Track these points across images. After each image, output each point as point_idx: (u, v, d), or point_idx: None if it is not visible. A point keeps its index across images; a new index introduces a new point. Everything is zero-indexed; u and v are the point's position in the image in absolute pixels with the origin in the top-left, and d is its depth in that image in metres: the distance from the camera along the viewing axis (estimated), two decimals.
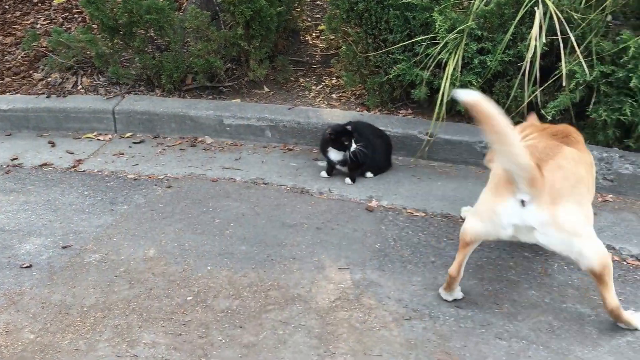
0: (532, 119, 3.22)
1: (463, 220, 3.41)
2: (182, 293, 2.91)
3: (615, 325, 2.65)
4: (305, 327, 2.67)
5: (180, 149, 4.40)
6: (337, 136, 3.70)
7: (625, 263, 3.10)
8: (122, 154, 4.33)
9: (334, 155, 3.78)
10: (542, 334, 2.61)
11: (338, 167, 3.85)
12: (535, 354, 2.50)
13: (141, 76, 4.93)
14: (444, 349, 2.54)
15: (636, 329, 2.63)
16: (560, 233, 2.43)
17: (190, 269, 3.08)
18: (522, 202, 2.43)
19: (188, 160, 4.21)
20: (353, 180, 3.84)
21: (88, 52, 5.05)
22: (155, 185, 3.90)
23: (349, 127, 3.73)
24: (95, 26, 5.13)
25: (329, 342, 2.59)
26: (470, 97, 2.27)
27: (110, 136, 4.62)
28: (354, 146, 3.68)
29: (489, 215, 2.55)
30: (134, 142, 4.51)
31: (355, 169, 3.82)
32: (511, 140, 2.31)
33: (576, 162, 2.61)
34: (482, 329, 2.64)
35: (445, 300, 2.81)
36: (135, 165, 4.16)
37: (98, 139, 4.58)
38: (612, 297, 2.55)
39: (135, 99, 4.74)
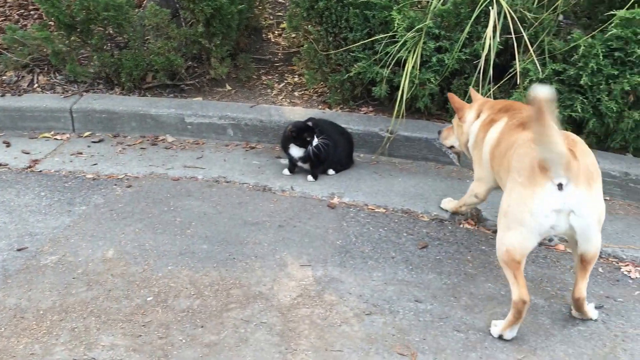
0: (477, 95, 3.32)
1: (428, 214, 3.47)
2: (142, 294, 2.89)
3: (567, 315, 2.74)
4: (267, 324, 2.69)
5: (141, 148, 4.35)
6: (299, 132, 3.72)
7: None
8: (81, 153, 4.27)
9: (296, 151, 3.79)
10: None
11: (300, 164, 3.87)
12: (491, 345, 2.57)
13: (100, 74, 4.86)
14: (403, 342, 2.58)
15: (590, 319, 2.72)
16: (593, 214, 2.45)
17: (150, 269, 3.06)
18: (560, 186, 2.39)
19: (149, 160, 4.18)
20: (315, 177, 3.87)
21: (44, 50, 4.96)
22: (115, 185, 3.86)
23: (310, 123, 3.75)
24: (51, 23, 5.03)
25: (290, 339, 2.61)
26: (542, 92, 2.21)
27: (68, 135, 4.54)
28: (316, 140, 3.70)
29: (529, 209, 2.45)
30: (93, 142, 4.45)
31: (317, 166, 3.85)
32: (553, 133, 2.30)
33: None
34: (440, 322, 2.70)
35: (506, 340, 2.62)
36: (94, 164, 4.10)
37: (55, 139, 4.50)
38: (584, 287, 2.62)
39: (93, 98, 4.68)
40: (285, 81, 5.00)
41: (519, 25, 3.64)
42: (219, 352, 2.53)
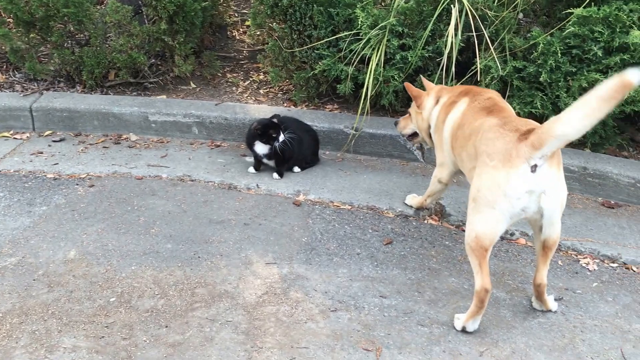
0: (429, 84, 3.39)
1: (393, 210, 3.50)
2: (105, 294, 2.85)
3: (528, 308, 2.80)
4: (232, 323, 2.68)
5: (104, 147, 4.29)
6: (265, 129, 3.71)
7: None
8: (41, 153, 4.19)
9: (261, 148, 3.79)
10: None
11: (265, 161, 3.87)
12: (454, 338, 2.61)
13: (60, 72, 4.78)
14: (368, 338, 2.60)
15: (549, 311, 2.79)
16: (561, 196, 2.51)
17: (113, 270, 3.02)
18: (534, 167, 2.42)
19: (112, 159, 4.12)
20: (281, 175, 3.87)
21: (2, 47, 4.85)
22: (77, 184, 3.80)
23: (275, 120, 3.75)
24: (10, 20, 4.93)
25: (256, 337, 2.60)
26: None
27: (27, 135, 4.45)
28: (282, 136, 3.70)
29: (502, 191, 2.46)
30: (54, 141, 4.37)
31: (282, 163, 3.85)
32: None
33: None
34: (405, 316, 2.73)
35: (469, 332, 2.64)
36: (55, 164, 4.03)
37: (15, 138, 4.41)
38: (545, 274, 2.68)
39: (54, 96, 4.59)
40: (251, 79, 4.99)
41: (480, 23, 3.69)
42: (184, 352, 2.52)
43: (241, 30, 5.76)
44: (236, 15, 5.90)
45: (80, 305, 2.79)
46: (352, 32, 4.01)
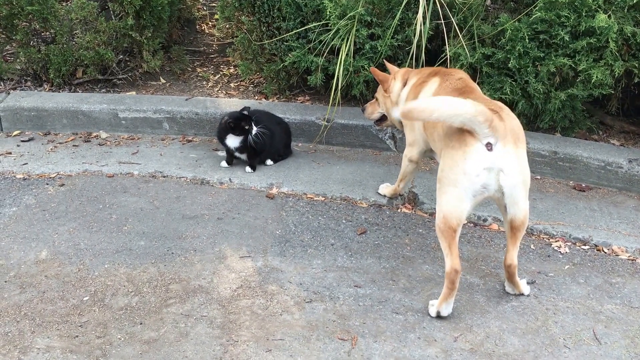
0: (393, 67, 3.42)
1: (366, 200, 3.51)
2: (78, 294, 2.82)
3: (502, 292, 2.83)
4: (207, 318, 2.67)
5: (74, 145, 4.24)
6: (237, 122, 3.68)
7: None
8: (10, 153, 4.12)
9: (233, 142, 3.76)
10: None
11: (237, 154, 3.85)
12: (429, 325, 2.62)
13: (27, 71, 4.70)
14: (344, 327, 2.61)
15: (521, 294, 2.82)
16: (520, 175, 2.53)
17: (86, 269, 2.98)
18: (489, 145, 2.47)
19: (82, 157, 4.07)
20: (253, 168, 3.85)
21: None
22: (47, 184, 3.74)
23: (245, 112, 3.73)
24: None
25: (231, 330, 2.59)
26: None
27: None
28: (255, 129, 3.68)
29: (461, 169, 2.51)
30: (22, 140, 4.30)
31: (254, 156, 3.83)
32: (455, 101, 2.46)
33: None
34: (379, 305, 2.74)
35: (443, 317, 2.66)
36: (25, 164, 3.97)
37: None
38: (515, 254, 2.70)
39: (21, 95, 4.52)
40: (221, 72, 4.96)
41: (448, 10, 3.71)
42: (159, 348, 2.50)
43: (210, 23, 5.72)
44: (204, 8, 5.85)
45: (53, 305, 2.75)
46: (321, 22, 4.01)
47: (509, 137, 2.49)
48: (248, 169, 3.85)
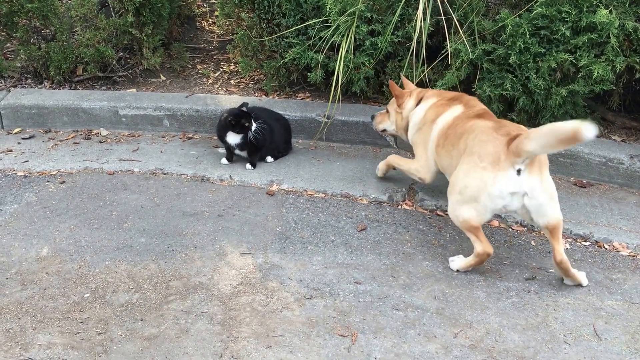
0: (409, 84, 3.58)
1: (366, 197, 3.50)
2: (79, 291, 2.82)
3: (502, 288, 2.83)
4: (208, 314, 2.67)
5: (74, 143, 4.24)
6: (237, 119, 3.68)
7: (510, 230, 3.31)
8: (11, 150, 4.12)
9: (233, 139, 3.76)
10: (435, 301, 2.74)
11: (237, 152, 3.84)
12: (429, 321, 2.63)
13: (27, 68, 4.70)
14: (344, 324, 2.61)
15: (581, 285, 2.87)
16: (544, 193, 2.73)
17: (87, 266, 2.99)
18: (519, 172, 2.68)
19: (83, 154, 4.07)
20: (254, 165, 3.85)
21: None
22: (48, 181, 3.75)
23: (244, 109, 3.73)
24: None
25: (232, 327, 2.60)
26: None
27: None
28: (254, 125, 3.68)
29: (487, 190, 2.72)
30: (23, 138, 4.30)
31: (255, 153, 3.83)
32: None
33: None
34: (379, 301, 2.74)
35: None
36: (26, 161, 3.97)
37: None
38: (562, 250, 2.81)
39: (22, 93, 4.52)
40: (221, 69, 4.95)
41: (449, 6, 3.70)
42: (160, 345, 2.51)
43: (210, 20, 5.71)
44: (204, 5, 5.85)
45: (54, 302, 2.76)
46: (321, 19, 4.00)
47: (535, 164, 2.70)
48: (248, 166, 3.85)
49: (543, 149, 2.62)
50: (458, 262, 2.95)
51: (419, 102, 3.41)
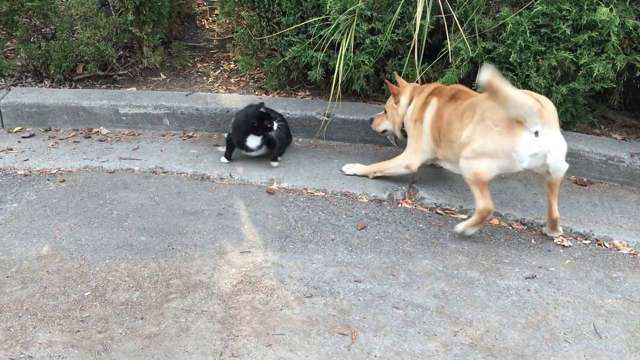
0: (402, 81, 3.68)
1: (366, 195, 3.50)
2: (79, 289, 2.83)
3: (502, 287, 2.83)
4: (208, 312, 2.67)
5: (74, 142, 4.24)
6: (260, 121, 3.62)
7: (510, 228, 3.30)
8: (11, 149, 4.13)
9: (253, 141, 3.71)
10: (435, 300, 2.74)
11: (255, 153, 3.80)
12: (429, 320, 2.63)
13: (28, 67, 4.70)
14: (344, 322, 2.61)
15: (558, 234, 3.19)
16: (562, 148, 2.93)
17: (87, 264, 2.99)
18: (536, 133, 2.83)
19: (83, 153, 4.07)
20: (276, 159, 3.84)
21: None
22: (48, 180, 3.75)
23: (262, 109, 3.67)
24: None
25: (232, 325, 2.60)
26: (484, 76, 2.71)
27: None
28: (276, 125, 3.65)
29: (506, 153, 2.88)
30: (24, 137, 4.30)
31: (274, 148, 3.79)
32: (514, 93, 2.78)
33: None
34: (379, 300, 2.74)
35: (467, 236, 3.16)
36: (26, 160, 3.97)
37: None
38: (557, 207, 3.10)
39: (22, 91, 4.52)
40: (221, 68, 4.95)
41: (449, 4, 3.69)
42: (160, 343, 2.51)
43: (210, 19, 5.71)
44: (204, 4, 5.84)
45: (54, 300, 2.76)
46: (321, 17, 4.00)
47: (552, 120, 2.87)
48: (274, 163, 3.82)
49: None
50: (462, 224, 3.13)
51: (412, 99, 3.54)
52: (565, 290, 2.83)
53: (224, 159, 3.90)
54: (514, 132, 2.84)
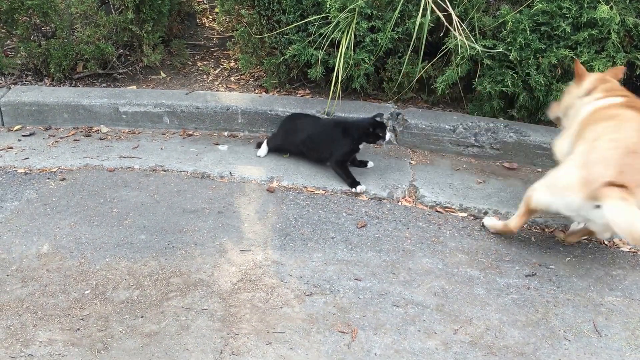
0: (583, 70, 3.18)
1: (366, 193, 3.51)
2: (80, 287, 2.83)
3: (502, 285, 2.83)
4: (208, 311, 2.67)
5: (75, 140, 4.24)
6: (374, 129, 3.55)
7: None
8: (11, 147, 4.13)
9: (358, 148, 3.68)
10: (435, 298, 2.74)
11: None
12: (429, 318, 2.63)
13: (28, 65, 4.70)
14: (344, 320, 2.61)
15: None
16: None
17: (87, 263, 2.99)
18: (598, 206, 2.60)
19: (83, 151, 4.07)
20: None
21: None
22: (48, 178, 3.75)
23: (379, 119, 3.58)
24: None
25: (232, 324, 2.60)
26: None
27: None
28: (388, 134, 3.59)
29: (564, 195, 2.73)
30: (24, 135, 4.30)
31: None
32: None
33: None
34: (379, 298, 2.74)
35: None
36: (26, 159, 3.97)
37: None
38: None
39: (22, 90, 4.51)
40: (221, 66, 4.95)
41: (449, 2, 3.69)
42: (160, 341, 2.51)
43: (210, 17, 5.70)
44: (204, 2, 5.84)
45: (54, 299, 2.76)
46: (321, 15, 3.99)
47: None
48: (370, 163, 3.80)
49: None
50: (490, 220, 3.23)
51: (591, 91, 3.11)
52: (565, 288, 2.83)
53: (261, 152, 3.95)
54: (582, 191, 2.65)
